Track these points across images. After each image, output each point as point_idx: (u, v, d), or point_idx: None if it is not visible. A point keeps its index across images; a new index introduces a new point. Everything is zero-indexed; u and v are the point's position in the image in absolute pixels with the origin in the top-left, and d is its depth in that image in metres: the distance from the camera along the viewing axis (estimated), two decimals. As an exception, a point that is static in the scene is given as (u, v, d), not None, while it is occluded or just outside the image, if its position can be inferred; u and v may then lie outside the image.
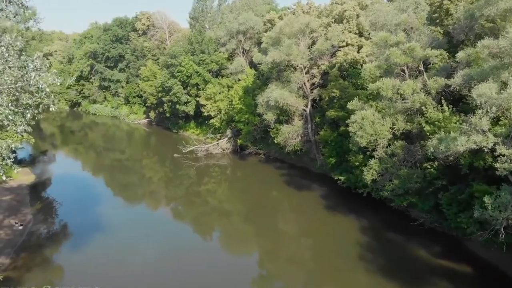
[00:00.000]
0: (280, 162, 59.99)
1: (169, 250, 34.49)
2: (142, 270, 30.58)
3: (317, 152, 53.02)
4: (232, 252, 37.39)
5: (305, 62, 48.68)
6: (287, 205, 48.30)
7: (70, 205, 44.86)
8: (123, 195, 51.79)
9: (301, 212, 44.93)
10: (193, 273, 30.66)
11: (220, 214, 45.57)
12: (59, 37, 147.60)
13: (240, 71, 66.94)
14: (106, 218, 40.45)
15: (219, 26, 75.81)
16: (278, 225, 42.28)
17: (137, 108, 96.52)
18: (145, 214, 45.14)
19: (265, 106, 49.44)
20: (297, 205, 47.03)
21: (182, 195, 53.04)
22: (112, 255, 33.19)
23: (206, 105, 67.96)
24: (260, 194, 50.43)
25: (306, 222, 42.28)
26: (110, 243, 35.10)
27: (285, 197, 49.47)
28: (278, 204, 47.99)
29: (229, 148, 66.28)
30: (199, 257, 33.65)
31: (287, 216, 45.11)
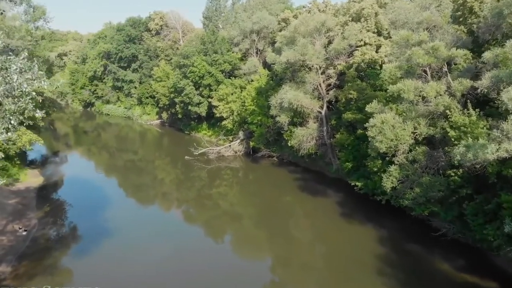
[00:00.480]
0: (294, 166, 58.09)
1: (180, 253, 33.93)
2: (153, 274, 29.96)
3: (332, 156, 50.99)
4: (244, 256, 36.30)
5: (321, 62, 46.72)
6: (300, 210, 46.41)
7: (80, 208, 43.86)
8: (135, 196, 50.86)
9: (315, 218, 43.15)
10: (203, 278, 30.03)
11: (232, 217, 44.47)
12: (73, 37, 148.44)
13: (253, 71, 65.27)
14: (116, 221, 39.43)
15: (233, 26, 74.24)
16: (291, 231, 40.65)
17: (149, 109, 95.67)
18: (157, 217, 44.16)
19: (279, 108, 47.65)
20: (311, 211, 45.17)
21: (194, 197, 52.06)
22: (121, 261, 31.99)
23: (218, 106, 66.46)
24: (272, 198, 48.88)
25: (320, 228, 40.56)
26: (120, 248, 33.93)
27: (298, 202, 47.61)
28: (291, 209, 46.17)
29: (241, 151, 64.65)
30: (210, 261, 32.97)
31: (300, 222, 43.30)
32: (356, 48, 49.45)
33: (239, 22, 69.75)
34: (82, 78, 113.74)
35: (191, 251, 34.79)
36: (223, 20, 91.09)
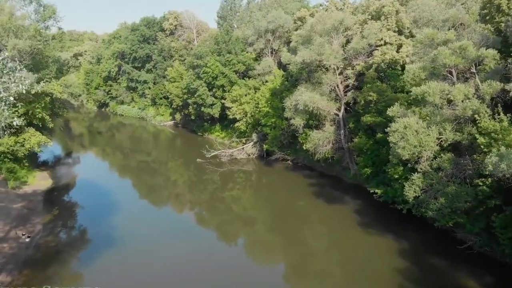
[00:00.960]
0: (309, 170, 55.99)
1: (193, 257, 33.37)
2: (166, 279, 29.58)
3: (350, 161, 48.72)
4: (257, 262, 35.27)
5: (339, 62, 44.52)
6: (316, 217, 44.38)
7: (90, 211, 42.96)
8: (148, 198, 50.30)
9: (331, 226, 41.13)
10: (216, 282, 29.56)
11: (245, 222, 43.37)
12: (89, 38, 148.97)
13: (267, 72, 63.38)
14: (128, 224, 38.69)
15: (247, 25, 72.47)
16: (305, 238, 39.04)
17: (163, 110, 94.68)
18: (169, 220, 43.23)
19: (293, 110, 45.64)
20: (327, 218, 43.11)
21: (206, 200, 51.05)
22: (131, 267, 31.02)
23: (232, 108, 64.77)
24: (287, 203, 47.18)
25: (336, 237, 38.65)
26: (130, 254, 32.93)
27: (314, 208, 45.56)
28: (306, 215, 44.22)
29: (254, 153, 62.80)
30: (223, 266, 32.37)
31: (315, 229, 41.38)
32: (375, 47, 47.13)
33: (253, 21, 67.92)
34: (97, 78, 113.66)
35: (203, 255, 34.10)
36: (238, 19, 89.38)
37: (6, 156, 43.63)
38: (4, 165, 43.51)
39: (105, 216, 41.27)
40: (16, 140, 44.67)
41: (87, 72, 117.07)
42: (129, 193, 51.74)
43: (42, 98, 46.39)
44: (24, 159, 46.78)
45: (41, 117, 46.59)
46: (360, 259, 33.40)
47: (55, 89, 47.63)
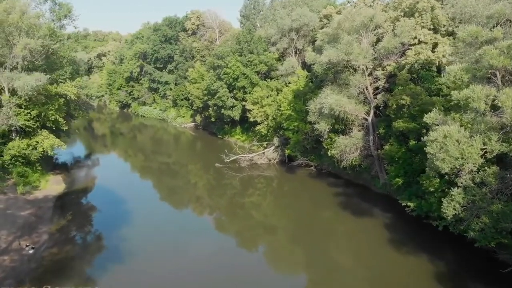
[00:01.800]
0: (334, 177, 52.53)
1: (211, 263, 32.48)
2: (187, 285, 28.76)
3: (379, 170, 45.04)
4: (277, 272, 33.44)
5: (368, 62, 40.94)
6: (341, 229, 41.08)
7: (104, 217, 41.25)
8: (168, 202, 49.28)
9: (358, 241, 37.70)
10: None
11: (265, 229, 41.28)
12: (113, 38, 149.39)
13: (291, 72, 60.26)
14: (144, 232, 37.19)
15: (271, 24, 69.49)
16: (329, 251, 36.06)
17: (184, 111, 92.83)
18: (188, 224, 41.75)
19: (318, 114, 42.42)
20: (353, 231, 39.72)
21: (226, 205, 48.95)
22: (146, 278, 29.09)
23: (252, 110, 61.95)
24: (310, 212, 44.21)
25: (363, 253, 35.29)
26: (144, 266, 31.02)
27: (339, 220, 42.27)
28: (330, 226, 41.17)
29: (275, 158, 59.73)
30: (242, 273, 31.53)
31: (340, 242, 38.19)
32: (409, 47, 43.33)
33: (277, 19, 64.86)
34: (119, 79, 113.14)
35: (222, 260, 33.17)
36: (261, 18, 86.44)
37: (17, 159, 42.19)
38: (15, 169, 42.06)
39: (121, 222, 39.36)
40: (29, 143, 43.24)
41: (110, 72, 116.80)
42: (149, 196, 49.97)
43: (55, 99, 44.81)
44: (37, 162, 45.27)
45: (55, 119, 44.99)
46: (389, 280, 30.39)
47: (69, 90, 46.02)
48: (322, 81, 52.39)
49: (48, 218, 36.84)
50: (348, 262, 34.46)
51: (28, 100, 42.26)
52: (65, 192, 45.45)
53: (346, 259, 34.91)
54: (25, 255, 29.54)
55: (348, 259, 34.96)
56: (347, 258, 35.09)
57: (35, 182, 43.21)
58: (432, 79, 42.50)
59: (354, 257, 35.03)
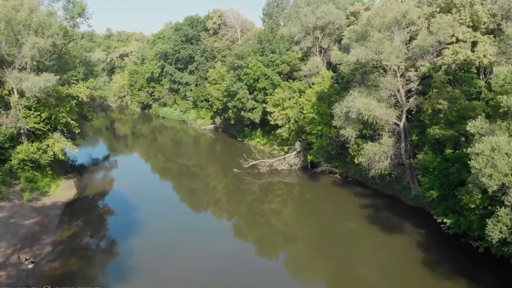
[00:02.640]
0: (360, 186, 48.77)
1: (230, 271, 31.33)
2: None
3: (411, 180, 41.09)
4: (297, 283, 31.37)
5: (401, 62, 37.07)
6: (367, 243, 37.44)
7: (116, 226, 38.95)
8: (186, 205, 47.49)
9: (387, 257, 34.16)
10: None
11: (285, 238, 38.92)
12: (136, 38, 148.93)
13: (315, 73, 56.83)
14: (157, 241, 34.89)
15: (294, 22, 66.13)
16: (354, 265, 33.02)
17: (204, 113, 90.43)
18: (206, 230, 39.66)
19: (344, 118, 38.85)
20: (381, 246, 36.07)
21: (244, 211, 46.45)
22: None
23: (273, 113, 58.72)
24: (333, 223, 41.06)
25: (392, 271, 31.96)
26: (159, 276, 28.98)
27: (365, 232, 38.62)
28: (356, 239, 37.75)
29: (297, 164, 56.30)
30: (260, 282, 30.19)
31: (366, 257, 34.66)
32: (445, 46, 39.27)
33: (301, 17, 61.45)
34: (141, 79, 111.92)
35: (240, 268, 32.12)
36: (284, 16, 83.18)
37: (25, 164, 40.32)
38: (23, 174, 40.20)
39: (134, 230, 37.06)
40: (39, 147, 41.37)
41: (131, 73, 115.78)
42: (167, 201, 47.57)
43: (67, 101, 42.80)
44: (47, 166, 43.34)
45: (66, 122, 42.96)
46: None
47: (81, 92, 43.97)
48: (348, 82, 48.89)
49: (54, 227, 34.54)
50: (374, 279, 31.06)
51: (38, 102, 40.47)
52: (76, 198, 43.14)
53: (372, 275, 31.51)
54: (24, 270, 27.18)
55: (374, 276, 31.56)
56: (373, 274, 31.67)
57: (44, 188, 41.22)
58: (471, 81, 38.40)
59: (381, 274, 31.66)
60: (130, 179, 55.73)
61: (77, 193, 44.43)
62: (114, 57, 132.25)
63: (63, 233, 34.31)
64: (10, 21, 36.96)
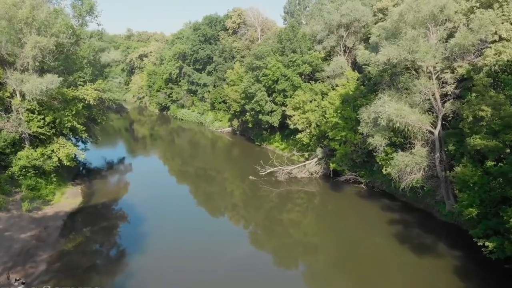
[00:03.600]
0: (388, 198, 44.66)
1: (246, 279, 30.17)
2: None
3: (446, 195, 36.81)
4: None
5: (437, 62, 32.84)
6: (395, 261, 33.66)
7: (123, 240, 36.30)
8: (202, 211, 45.28)
9: (416, 280, 30.27)
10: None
11: (305, 249, 36.69)
12: (156, 38, 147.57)
13: (338, 74, 52.98)
14: (169, 255, 32.54)
15: (317, 20, 62.27)
16: (378, 285, 29.70)
17: (221, 115, 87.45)
18: (222, 237, 37.74)
19: (372, 125, 34.93)
20: (410, 267, 32.21)
21: (262, 219, 44.05)
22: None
23: (293, 116, 55.06)
24: (357, 237, 37.47)
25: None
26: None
27: (393, 250, 34.80)
28: (382, 257, 34.01)
29: (318, 172, 52.46)
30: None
31: (393, 277, 31.02)
32: (487, 45, 34.86)
33: (324, 14, 57.59)
34: (159, 80, 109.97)
35: (257, 278, 30.47)
36: (306, 15, 79.30)
37: (28, 171, 37.94)
38: (25, 182, 37.81)
39: (145, 244, 34.11)
40: (43, 152, 38.96)
41: (150, 73, 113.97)
42: (182, 208, 44.77)
43: (73, 104, 40.31)
44: (52, 173, 40.90)
45: (72, 126, 40.46)
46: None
47: (88, 94, 41.40)
48: (375, 84, 44.91)
49: (52, 241, 31.70)
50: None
51: (42, 105, 38.11)
52: (81, 206, 40.32)
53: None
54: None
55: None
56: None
57: (47, 196, 38.69)
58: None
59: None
60: (144, 184, 53.50)
61: (83, 201, 41.60)
62: (133, 58, 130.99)
63: (62, 248, 31.30)
64: (11, 19, 34.62)
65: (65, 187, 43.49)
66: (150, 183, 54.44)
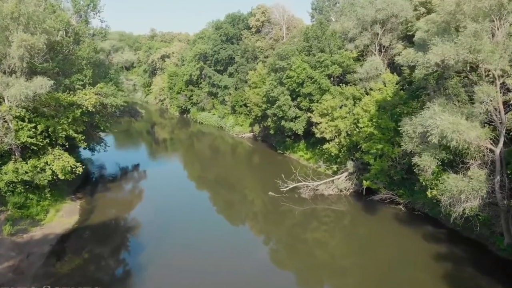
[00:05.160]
0: (432, 224, 37.99)
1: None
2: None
3: (506, 226, 29.97)
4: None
5: (505, 65, 25.98)
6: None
7: (120, 270, 31.26)
8: (218, 230, 39.91)
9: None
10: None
11: (333, 273, 32.57)
12: (179, 39, 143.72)
13: (373, 76, 46.43)
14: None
15: (348, 16, 55.83)
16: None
17: (242, 119, 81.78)
18: (240, 254, 34.53)
19: (419, 141, 28.44)
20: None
21: (284, 236, 39.54)
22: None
23: (320, 124, 48.87)
24: (394, 266, 31.93)
25: None
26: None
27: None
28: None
29: (348, 188, 45.96)
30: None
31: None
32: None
33: (356, 9, 51.10)
34: (180, 82, 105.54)
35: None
36: (336, 11, 72.69)
37: (15, 186, 33.37)
38: (11, 199, 33.22)
39: (150, 274, 29.27)
40: (35, 164, 34.32)
41: (170, 75, 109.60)
42: (198, 226, 39.61)
43: (70, 110, 35.53)
44: (47, 187, 36.18)
45: (67, 136, 35.62)
46: None
47: (87, 100, 36.49)
48: (419, 89, 38.37)
49: (32, 273, 26.77)
50: None
51: (33, 112, 33.56)
52: (76, 227, 35.03)
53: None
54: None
55: None
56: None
57: (38, 215, 33.89)
58: None
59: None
60: (158, 194, 49.03)
61: (79, 221, 36.28)
62: (155, 58, 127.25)
63: (41, 282, 26.36)
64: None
65: (63, 202, 38.66)
66: (165, 193, 49.51)
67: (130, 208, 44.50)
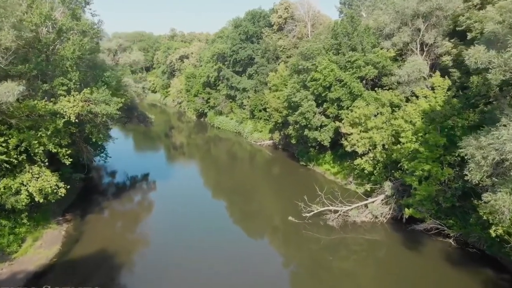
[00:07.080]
0: (491, 265, 30.45)
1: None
2: None
3: None
4: None
5: None
6: None
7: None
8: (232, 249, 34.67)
9: None
10: None
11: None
12: (199, 39, 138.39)
13: (415, 79, 38.97)
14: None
15: (383, 10, 48.37)
16: None
17: (262, 125, 74.98)
18: (261, 277, 30.59)
19: (490, 170, 21.04)
20: None
21: (306, 261, 34.15)
22: None
23: (351, 135, 41.65)
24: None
25: None
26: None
27: None
28: None
29: (385, 214, 38.44)
30: None
31: None
32: None
33: (394, 1, 43.65)
34: (197, 84, 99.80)
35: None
36: (368, 5, 65.03)
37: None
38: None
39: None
40: (8, 185, 28.63)
41: (188, 77, 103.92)
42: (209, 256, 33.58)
43: (50, 121, 29.62)
44: (24, 211, 30.40)
45: (43, 151, 29.59)
46: None
47: (71, 107, 30.39)
48: (475, 97, 30.82)
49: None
50: None
51: (3, 124, 27.88)
52: (54, 262, 28.69)
53: None
54: None
55: None
56: None
57: (9, 246, 28.06)
58: None
59: None
60: (166, 211, 43.31)
61: (59, 253, 29.86)
62: (173, 59, 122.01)
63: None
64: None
65: (46, 227, 32.64)
66: (175, 210, 43.33)
67: (128, 232, 38.42)
